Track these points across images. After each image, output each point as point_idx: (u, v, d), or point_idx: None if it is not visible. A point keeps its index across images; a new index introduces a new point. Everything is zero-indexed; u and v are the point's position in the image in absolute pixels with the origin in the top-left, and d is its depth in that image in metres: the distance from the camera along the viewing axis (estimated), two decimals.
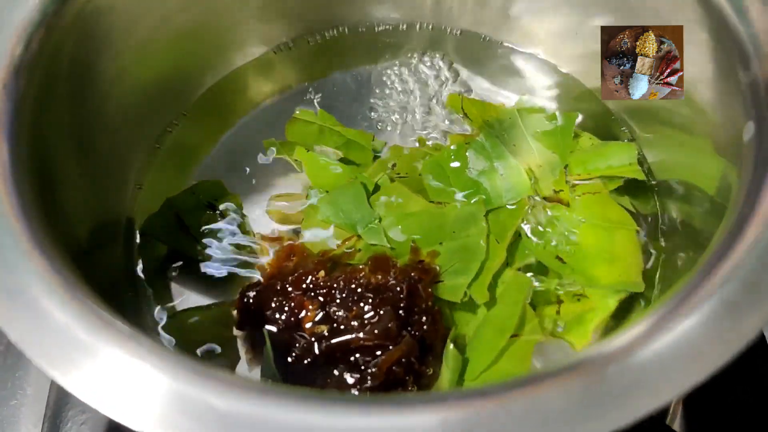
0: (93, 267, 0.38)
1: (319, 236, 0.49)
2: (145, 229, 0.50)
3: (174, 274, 0.49)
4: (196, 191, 0.51)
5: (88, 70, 0.44)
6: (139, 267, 0.49)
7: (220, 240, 0.49)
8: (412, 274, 0.46)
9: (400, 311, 0.43)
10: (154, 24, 0.48)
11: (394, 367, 0.41)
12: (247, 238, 0.50)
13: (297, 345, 0.43)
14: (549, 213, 0.50)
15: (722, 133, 0.42)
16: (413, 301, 0.44)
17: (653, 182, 0.53)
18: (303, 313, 0.44)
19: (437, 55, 0.59)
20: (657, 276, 0.49)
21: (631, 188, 0.51)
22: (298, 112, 0.55)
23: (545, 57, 0.59)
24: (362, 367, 0.42)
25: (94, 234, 0.45)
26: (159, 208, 0.50)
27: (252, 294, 0.45)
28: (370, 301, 0.44)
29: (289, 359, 0.43)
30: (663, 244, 0.50)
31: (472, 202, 0.50)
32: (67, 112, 0.42)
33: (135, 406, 0.27)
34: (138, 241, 0.50)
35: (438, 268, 0.47)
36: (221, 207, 0.51)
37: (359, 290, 0.44)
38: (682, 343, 0.29)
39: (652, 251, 0.50)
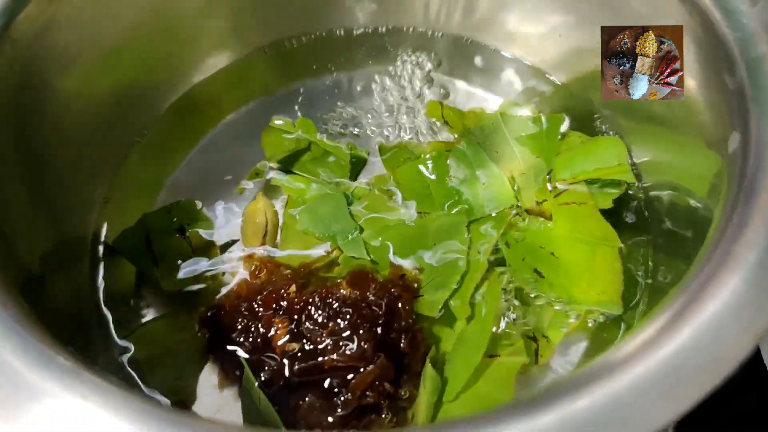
0: (50, 294, 0.36)
1: (297, 255, 0.48)
2: (117, 243, 0.48)
3: (141, 295, 0.47)
4: (171, 211, 0.49)
5: (45, 85, 0.42)
6: (102, 289, 0.47)
7: (181, 267, 0.47)
8: (393, 289, 0.44)
9: (378, 329, 0.42)
10: (118, 34, 0.47)
11: (367, 393, 0.40)
12: (211, 265, 0.48)
13: (266, 368, 0.42)
14: (528, 224, 0.48)
15: (712, 134, 0.40)
16: (392, 319, 0.43)
17: (640, 185, 0.50)
18: (273, 332, 0.42)
19: (421, 60, 0.58)
20: (643, 284, 0.47)
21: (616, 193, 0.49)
22: (274, 120, 0.54)
23: (530, 60, 0.57)
24: (335, 391, 0.40)
25: (55, 257, 0.43)
26: (135, 223, 0.48)
27: (209, 315, 0.44)
28: (347, 317, 0.42)
29: (258, 383, 0.41)
30: (651, 251, 0.48)
31: (454, 212, 0.49)
32: (13, 130, 0.40)
33: None
34: (102, 254, 0.48)
35: (419, 283, 0.45)
36: (190, 231, 0.49)
37: (335, 306, 0.43)
38: (670, 365, 0.28)
39: (640, 259, 0.48)
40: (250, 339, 0.43)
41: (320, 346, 0.42)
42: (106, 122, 0.49)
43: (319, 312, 0.43)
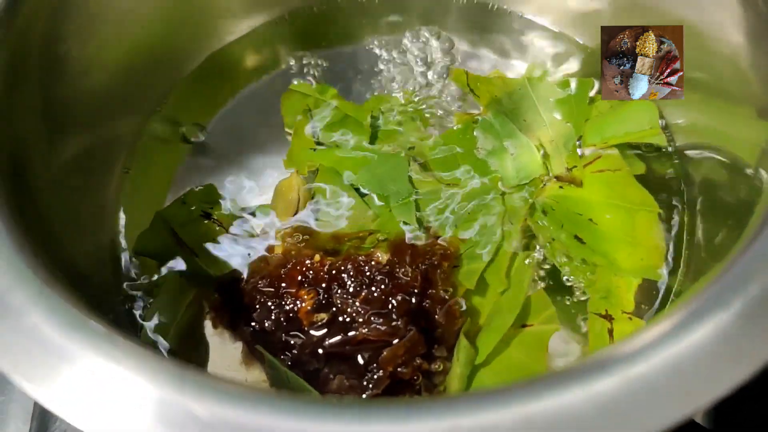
0: (71, 258, 0.35)
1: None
2: (139, 248, 0.46)
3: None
4: (187, 200, 0.47)
5: (63, 48, 0.41)
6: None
7: (221, 248, 0.46)
8: (432, 258, 0.43)
9: (413, 299, 0.40)
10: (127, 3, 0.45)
11: (399, 369, 0.39)
12: (248, 241, 0.46)
13: (292, 347, 0.40)
14: (563, 192, 0.47)
15: (756, 98, 0.38)
16: (429, 288, 0.42)
17: (673, 148, 0.49)
18: (298, 305, 0.41)
19: (441, 27, 0.56)
20: (681, 259, 0.45)
21: (650, 158, 0.48)
22: (294, 83, 0.52)
23: (556, 25, 0.55)
24: (366, 368, 0.39)
25: (75, 227, 0.42)
26: (150, 223, 0.46)
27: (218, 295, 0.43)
28: (381, 286, 0.41)
29: (284, 364, 0.40)
30: (686, 219, 0.47)
31: (486, 181, 0.47)
32: (39, 95, 0.39)
33: (116, 420, 0.24)
34: (127, 259, 0.46)
35: (458, 251, 0.44)
36: (216, 214, 0.47)
37: (367, 273, 0.41)
38: (716, 341, 0.26)
39: (674, 228, 0.46)
40: (272, 317, 0.41)
41: (350, 318, 0.41)
42: (125, 89, 0.48)
43: (351, 280, 0.41)
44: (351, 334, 0.40)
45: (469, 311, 0.42)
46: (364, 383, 0.39)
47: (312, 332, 0.41)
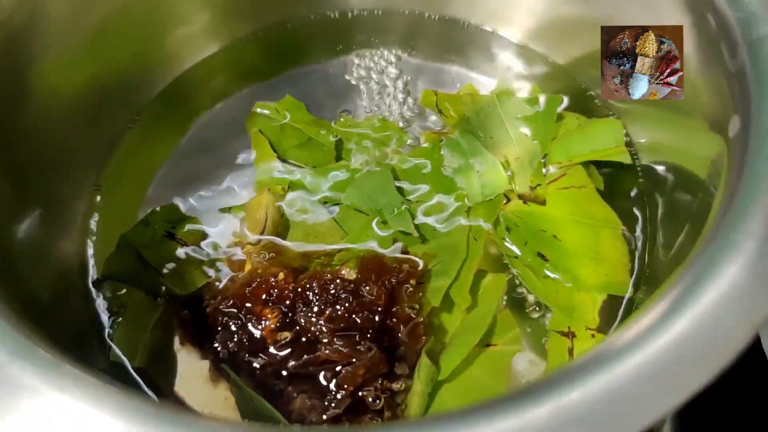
0: (48, 315, 0.36)
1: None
2: (106, 273, 0.46)
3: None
4: (150, 221, 0.47)
5: (30, 70, 0.41)
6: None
7: (186, 269, 0.46)
8: (399, 275, 0.43)
9: (377, 318, 0.41)
10: (104, 16, 0.46)
11: (361, 390, 0.39)
12: (215, 256, 0.47)
13: (255, 367, 0.41)
14: (528, 208, 0.47)
15: (713, 116, 0.39)
16: (394, 306, 0.42)
17: (639, 166, 0.50)
18: (262, 325, 0.42)
19: (413, 45, 0.57)
20: (643, 274, 0.46)
21: (615, 176, 0.49)
22: (256, 106, 0.53)
23: (526, 42, 0.56)
24: (328, 389, 0.40)
25: (39, 254, 0.42)
26: (115, 247, 0.46)
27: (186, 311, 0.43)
28: (345, 304, 0.41)
29: (248, 384, 0.40)
30: (648, 234, 0.47)
31: (451, 200, 0.48)
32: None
33: None
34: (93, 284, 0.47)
35: (425, 267, 0.44)
36: (181, 234, 0.47)
37: (332, 291, 0.42)
38: (668, 355, 0.27)
39: (637, 242, 0.47)
40: (235, 339, 0.42)
41: (314, 337, 0.41)
42: (95, 109, 0.48)
43: (315, 298, 0.42)
44: (314, 354, 0.40)
45: (434, 329, 0.43)
46: (326, 403, 0.39)
47: (275, 352, 0.41)
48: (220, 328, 0.42)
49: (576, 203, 0.47)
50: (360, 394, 0.39)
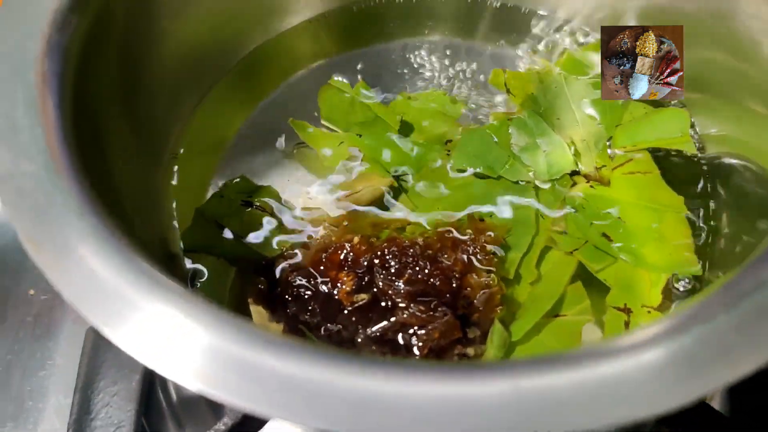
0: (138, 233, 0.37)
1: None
2: (185, 246, 0.48)
3: None
4: (224, 194, 0.49)
5: (134, 29, 0.43)
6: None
7: (270, 233, 0.47)
8: (475, 245, 0.44)
9: (453, 284, 0.42)
10: None
11: (438, 356, 0.40)
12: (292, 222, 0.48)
13: (332, 334, 0.42)
14: (593, 190, 0.48)
15: None
16: (470, 273, 0.43)
17: (703, 157, 0.51)
18: (338, 289, 0.43)
19: (474, 30, 0.58)
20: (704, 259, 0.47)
21: (678, 165, 0.50)
22: (333, 79, 0.55)
23: (584, 26, 0.57)
24: (404, 351, 0.41)
25: (138, 202, 0.44)
26: (191, 221, 0.48)
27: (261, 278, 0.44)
28: (426, 270, 0.42)
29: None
30: (711, 225, 0.48)
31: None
32: (114, 70, 0.41)
33: (181, 362, 0.26)
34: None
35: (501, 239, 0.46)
36: (258, 201, 0.49)
37: (411, 256, 0.43)
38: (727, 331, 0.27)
39: (702, 234, 0.48)
40: (310, 307, 0.43)
41: (390, 301, 0.42)
42: (179, 76, 0.50)
43: (394, 261, 0.43)
44: (391, 320, 0.42)
45: (504, 299, 0.44)
46: None
47: (352, 315, 0.42)
48: (294, 293, 0.43)
49: (641, 188, 0.48)
50: (438, 359, 0.40)
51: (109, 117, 0.41)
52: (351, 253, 0.44)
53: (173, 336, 0.27)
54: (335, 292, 0.43)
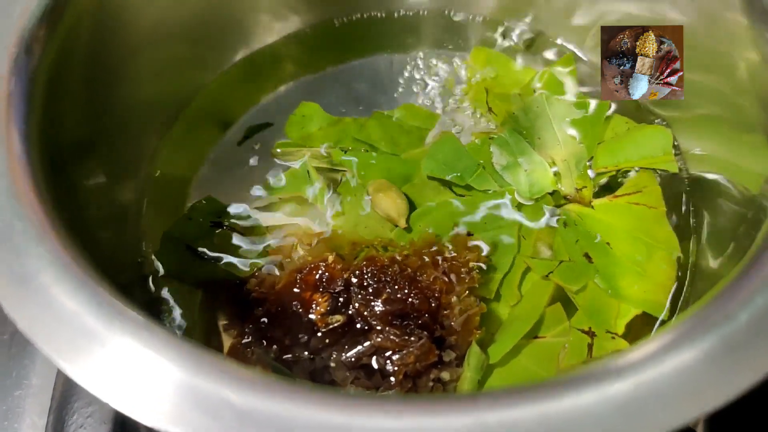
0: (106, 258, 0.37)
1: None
2: (162, 269, 0.47)
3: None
4: (192, 216, 0.48)
5: (104, 49, 0.43)
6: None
7: (242, 255, 0.47)
8: (455, 264, 0.44)
9: (432, 304, 0.41)
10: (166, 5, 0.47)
11: (414, 381, 0.40)
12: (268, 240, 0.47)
13: (306, 356, 0.41)
14: (592, 210, 0.48)
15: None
16: (449, 295, 0.43)
17: (686, 176, 0.50)
18: (313, 309, 0.42)
19: (455, 46, 0.58)
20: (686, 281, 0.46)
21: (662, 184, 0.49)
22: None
23: (570, 46, 0.57)
24: (379, 376, 0.40)
25: (107, 223, 0.43)
26: (159, 244, 0.47)
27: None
28: (405, 291, 0.42)
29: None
30: (690, 246, 0.48)
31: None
32: (81, 95, 0.41)
33: (145, 400, 0.26)
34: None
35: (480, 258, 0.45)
36: (229, 222, 0.48)
37: (389, 275, 0.42)
38: (721, 351, 0.27)
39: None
40: (283, 326, 0.42)
41: (366, 322, 0.41)
42: (149, 94, 0.50)
43: (371, 281, 0.42)
44: (366, 344, 0.41)
45: (483, 320, 0.43)
46: (378, 390, 0.40)
47: (326, 338, 0.41)
48: (266, 316, 0.43)
49: (641, 220, 0.47)
50: (413, 384, 0.40)
51: (77, 141, 0.41)
52: (326, 273, 0.43)
53: (139, 373, 0.26)
54: (310, 313, 0.42)
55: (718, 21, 0.43)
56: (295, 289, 0.43)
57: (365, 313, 0.42)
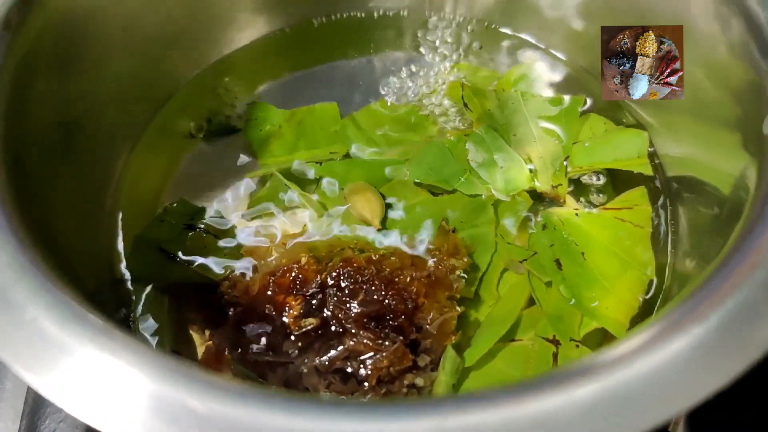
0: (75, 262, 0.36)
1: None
2: (130, 273, 0.46)
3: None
4: (164, 218, 0.48)
5: (73, 56, 0.42)
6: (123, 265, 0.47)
7: (216, 257, 0.46)
8: (443, 260, 0.43)
9: (408, 306, 0.41)
10: (139, 7, 0.46)
11: (387, 387, 0.39)
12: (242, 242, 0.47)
13: (279, 362, 0.41)
14: (576, 218, 0.48)
15: (746, 126, 0.39)
16: (426, 299, 0.42)
17: (661, 179, 0.50)
18: (286, 312, 0.42)
19: (439, 41, 0.57)
20: (666, 275, 0.46)
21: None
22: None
23: (547, 46, 0.57)
24: (354, 379, 0.40)
25: (77, 226, 0.43)
26: (131, 247, 0.47)
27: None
28: (382, 292, 0.41)
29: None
30: (670, 247, 0.48)
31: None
32: (50, 99, 0.40)
33: (112, 411, 0.25)
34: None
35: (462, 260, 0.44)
36: (202, 224, 0.48)
37: (365, 277, 0.42)
38: (691, 353, 0.27)
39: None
40: (258, 330, 0.42)
41: (340, 325, 0.41)
42: (123, 98, 0.49)
43: (347, 282, 0.42)
44: (339, 348, 0.40)
45: (460, 322, 0.43)
46: (351, 395, 0.39)
47: (299, 343, 0.41)
48: (239, 319, 0.42)
49: (623, 237, 0.47)
50: (387, 390, 0.40)
51: (46, 143, 0.40)
52: (300, 275, 0.43)
53: (107, 384, 0.26)
54: (283, 316, 0.42)
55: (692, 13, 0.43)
56: (269, 292, 0.42)
57: (340, 315, 0.41)
